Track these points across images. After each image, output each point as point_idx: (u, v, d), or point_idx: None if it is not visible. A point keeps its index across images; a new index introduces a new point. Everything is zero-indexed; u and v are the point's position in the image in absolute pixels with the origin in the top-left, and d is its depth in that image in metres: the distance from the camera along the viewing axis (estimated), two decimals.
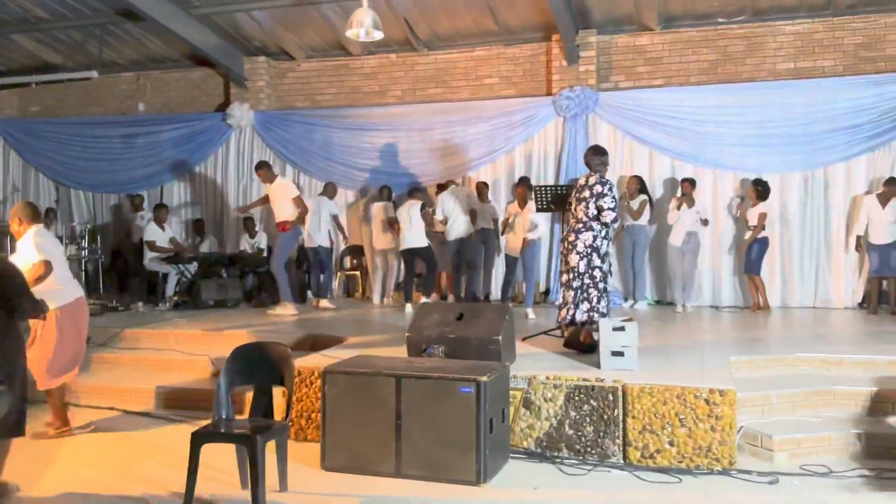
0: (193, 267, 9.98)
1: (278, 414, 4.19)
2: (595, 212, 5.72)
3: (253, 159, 11.32)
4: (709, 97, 9.51)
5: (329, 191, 10.09)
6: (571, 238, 5.79)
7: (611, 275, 5.95)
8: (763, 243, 8.79)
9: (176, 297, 9.78)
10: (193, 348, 7.01)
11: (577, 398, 4.74)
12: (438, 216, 9.27)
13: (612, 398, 4.67)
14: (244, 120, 11.28)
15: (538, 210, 7.06)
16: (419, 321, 5.37)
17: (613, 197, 5.77)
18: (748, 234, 8.84)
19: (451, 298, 9.65)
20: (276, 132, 11.28)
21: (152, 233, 10.11)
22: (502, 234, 9.10)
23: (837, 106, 9.06)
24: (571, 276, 5.75)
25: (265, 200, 9.18)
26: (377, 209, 10.03)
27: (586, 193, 5.79)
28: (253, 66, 11.48)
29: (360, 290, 10.96)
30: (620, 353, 5.07)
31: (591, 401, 4.71)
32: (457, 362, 4.79)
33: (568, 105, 9.85)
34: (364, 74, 11.32)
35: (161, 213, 10.37)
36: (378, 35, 8.01)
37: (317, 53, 11.43)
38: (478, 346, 5.06)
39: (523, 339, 6.27)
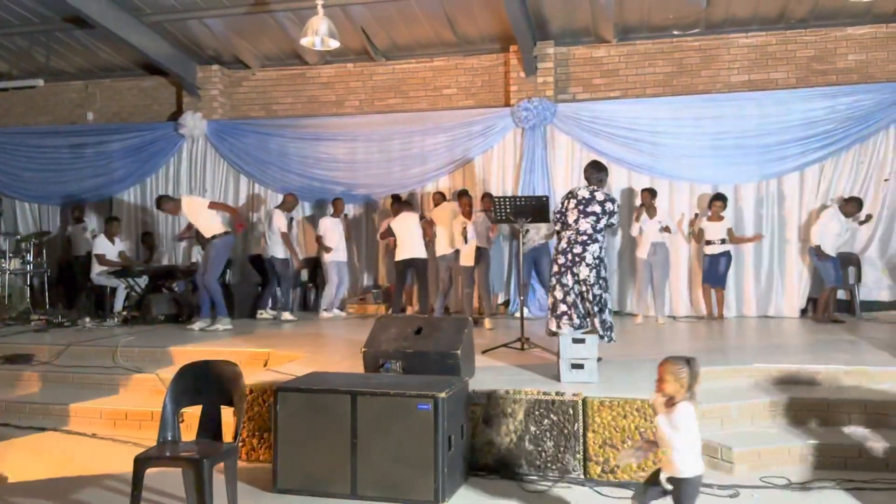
0: (143, 281, 9.70)
1: (227, 435, 4.02)
2: (603, 226, 5.92)
3: (206, 169, 11.14)
4: (664, 109, 9.57)
5: (287, 204, 9.84)
6: (578, 250, 5.89)
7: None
8: (729, 256, 8.92)
9: (125, 313, 9.48)
10: (142, 366, 6.77)
11: (537, 413, 4.66)
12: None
13: (572, 412, 4.60)
14: (197, 129, 11.04)
15: (496, 221, 6.98)
16: (376, 335, 5.25)
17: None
18: (711, 248, 8.92)
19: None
20: (230, 142, 11.07)
21: (101, 246, 9.79)
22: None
23: (790, 117, 9.19)
24: (584, 287, 5.88)
25: (190, 227, 9.08)
26: (329, 223, 9.88)
27: (595, 208, 5.92)
28: (206, 75, 11.26)
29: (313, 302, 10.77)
30: (580, 366, 5.02)
31: (552, 415, 4.63)
32: (414, 378, 4.68)
33: (526, 116, 9.84)
34: (321, 84, 11.19)
35: (112, 226, 10.04)
36: (334, 44, 7.91)
37: (272, 62, 11.25)
38: (436, 360, 4.95)
39: (483, 353, 6.19)
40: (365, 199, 10.65)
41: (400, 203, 9.50)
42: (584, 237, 5.87)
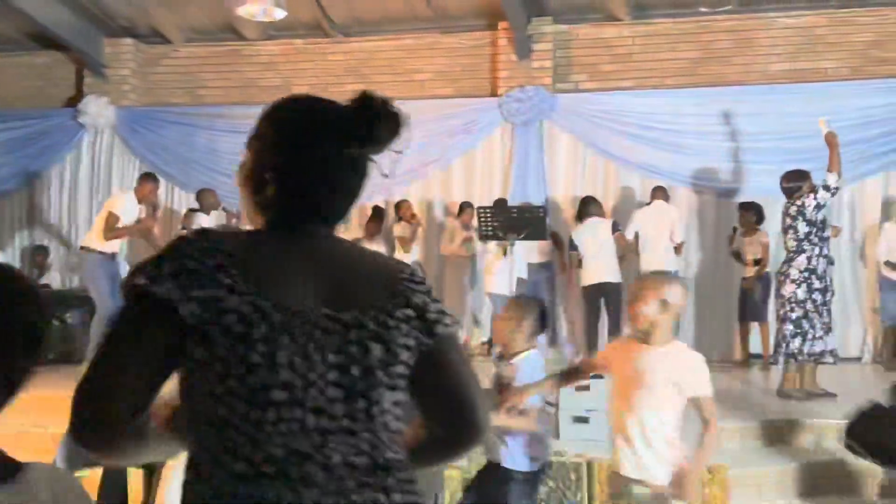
0: None
1: None
2: (807, 229, 6.45)
3: (112, 169, 11.11)
4: (689, 103, 9.70)
5: (206, 203, 9.61)
6: (783, 269, 6.63)
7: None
8: (767, 281, 8.78)
9: None
10: (26, 419, 6.62)
11: None
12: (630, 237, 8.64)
13: (573, 477, 4.59)
14: (102, 118, 11.02)
15: (480, 238, 7.00)
16: None
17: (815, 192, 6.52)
18: (749, 272, 8.89)
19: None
20: (145, 135, 11.06)
21: None
22: None
23: (844, 115, 9.24)
24: (787, 308, 6.47)
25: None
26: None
27: (787, 220, 6.61)
28: (115, 50, 11.26)
29: None
30: (585, 420, 5.02)
31: (549, 481, 4.61)
32: None
33: (518, 108, 9.93)
34: (261, 64, 11.21)
35: None
36: (280, 14, 7.94)
37: (200, 36, 11.27)
38: None
39: None
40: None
41: (586, 204, 8.98)
42: (791, 254, 6.57)
